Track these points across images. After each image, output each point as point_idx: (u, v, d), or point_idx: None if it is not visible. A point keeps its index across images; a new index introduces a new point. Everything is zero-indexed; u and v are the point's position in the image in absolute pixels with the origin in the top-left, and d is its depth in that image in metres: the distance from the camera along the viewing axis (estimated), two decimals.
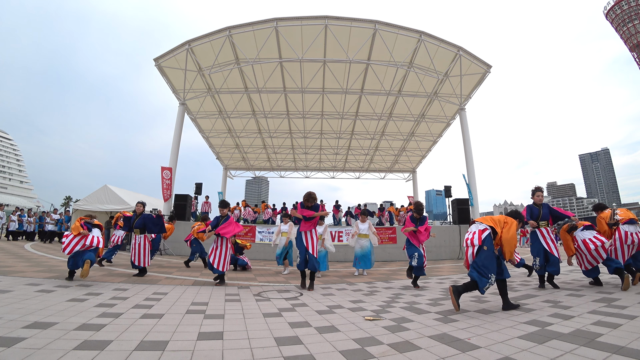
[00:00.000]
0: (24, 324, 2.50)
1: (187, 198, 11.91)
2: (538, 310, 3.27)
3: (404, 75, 13.31)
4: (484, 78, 13.01)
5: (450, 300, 4.00)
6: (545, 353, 2.11)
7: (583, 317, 2.98)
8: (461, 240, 10.95)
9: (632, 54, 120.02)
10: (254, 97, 14.85)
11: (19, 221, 14.42)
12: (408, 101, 14.64)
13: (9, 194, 72.51)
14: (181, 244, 10.68)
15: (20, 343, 2.11)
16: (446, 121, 16.23)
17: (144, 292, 4.12)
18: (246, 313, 3.23)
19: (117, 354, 2.02)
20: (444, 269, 7.92)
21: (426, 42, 11.57)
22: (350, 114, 15.97)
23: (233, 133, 17.76)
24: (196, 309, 3.34)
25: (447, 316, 3.18)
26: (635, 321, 2.78)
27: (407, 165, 21.21)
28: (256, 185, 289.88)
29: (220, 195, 19.52)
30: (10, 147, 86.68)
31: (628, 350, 2.11)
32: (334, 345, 2.31)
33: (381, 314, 3.32)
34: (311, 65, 12.59)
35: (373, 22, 11.06)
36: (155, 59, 12.61)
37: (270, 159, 21.32)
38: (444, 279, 6.13)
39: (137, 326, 2.62)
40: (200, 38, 11.84)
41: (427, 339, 2.48)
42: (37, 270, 5.52)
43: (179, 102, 13.21)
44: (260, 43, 11.54)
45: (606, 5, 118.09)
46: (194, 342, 2.31)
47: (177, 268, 7.04)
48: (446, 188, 14.26)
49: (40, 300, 3.37)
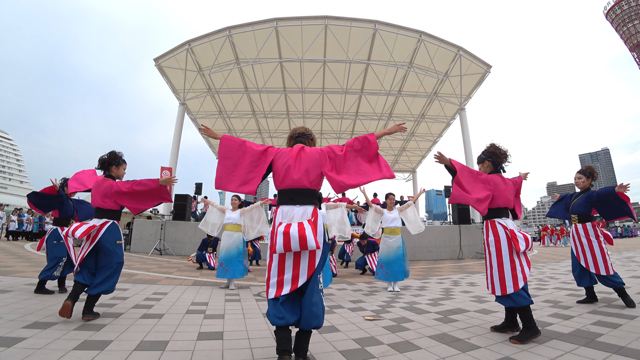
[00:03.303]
0: (24, 324, 2.50)
1: (187, 198, 11.91)
2: (538, 310, 3.26)
3: (404, 75, 13.32)
4: (484, 78, 13.02)
5: (450, 300, 4.00)
6: (545, 353, 2.11)
7: (583, 317, 2.97)
8: (461, 240, 10.95)
9: (632, 54, 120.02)
10: (254, 97, 14.85)
11: (19, 221, 14.42)
12: (408, 101, 14.64)
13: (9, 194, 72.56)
14: (181, 244, 10.68)
15: (20, 343, 2.11)
16: (446, 121, 16.24)
17: (144, 292, 4.12)
18: (246, 313, 3.23)
19: (117, 354, 2.02)
20: (444, 269, 7.92)
21: (426, 42, 11.58)
22: (350, 114, 15.97)
23: (233, 133, 17.76)
24: (196, 309, 3.33)
25: (447, 316, 3.18)
26: (635, 321, 2.78)
27: (407, 165, 21.22)
28: None
29: (221, 195, 19.51)
30: (10, 147, 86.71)
31: (628, 350, 2.11)
32: (334, 345, 2.31)
33: (381, 314, 3.31)
34: (311, 65, 12.59)
35: (373, 22, 11.07)
36: (155, 58, 12.62)
37: None
38: (444, 278, 6.12)
39: (137, 326, 2.62)
40: (200, 38, 11.85)
41: (427, 339, 2.48)
42: (37, 270, 5.51)
43: (179, 102, 13.21)
44: (260, 43, 11.54)
45: (606, 5, 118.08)
46: (194, 342, 2.31)
47: (177, 268, 7.03)
48: (446, 188, 14.23)
49: (40, 300, 3.37)
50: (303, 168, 2.05)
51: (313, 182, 2.07)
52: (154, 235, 10.65)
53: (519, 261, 2.45)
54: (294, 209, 2.03)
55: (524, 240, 2.47)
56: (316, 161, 2.09)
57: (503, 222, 2.57)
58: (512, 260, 2.46)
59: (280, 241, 1.88)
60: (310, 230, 1.90)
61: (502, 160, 2.68)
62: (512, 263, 2.45)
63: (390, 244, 4.84)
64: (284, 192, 2.08)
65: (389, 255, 4.80)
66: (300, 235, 1.86)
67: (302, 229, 1.89)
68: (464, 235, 11.05)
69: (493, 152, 2.68)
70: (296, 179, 2.04)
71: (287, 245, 1.87)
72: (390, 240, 4.87)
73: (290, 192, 2.06)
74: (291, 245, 1.86)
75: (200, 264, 7.34)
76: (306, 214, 2.02)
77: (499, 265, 2.49)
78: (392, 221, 4.89)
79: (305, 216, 2.01)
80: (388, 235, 4.91)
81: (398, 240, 4.87)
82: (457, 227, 11.33)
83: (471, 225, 11.36)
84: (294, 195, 2.05)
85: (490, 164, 2.71)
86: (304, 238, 1.86)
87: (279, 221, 2.01)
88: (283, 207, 2.06)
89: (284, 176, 2.07)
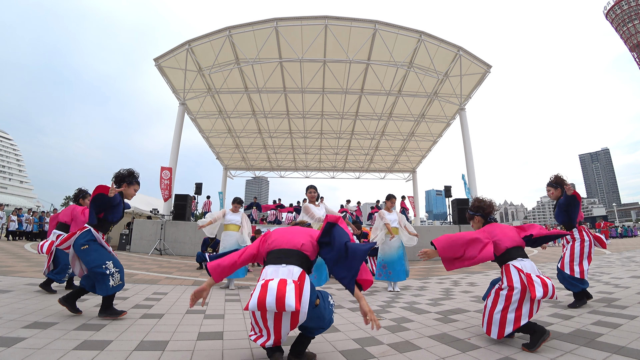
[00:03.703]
0: (24, 324, 2.50)
1: (187, 198, 11.91)
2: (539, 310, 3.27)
3: (404, 75, 13.31)
4: (484, 78, 13.01)
5: (450, 300, 4.00)
6: (545, 353, 2.11)
7: (583, 317, 2.98)
8: None
9: (632, 54, 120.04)
10: (254, 97, 14.85)
11: (19, 221, 14.43)
12: (408, 101, 14.64)
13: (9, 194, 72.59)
14: (181, 244, 10.68)
15: (20, 343, 2.11)
16: (446, 121, 16.23)
17: (144, 292, 4.12)
18: (246, 313, 3.23)
19: (117, 354, 2.02)
20: (444, 269, 7.92)
21: (426, 42, 11.57)
22: (350, 114, 15.97)
23: (233, 133, 17.76)
24: (196, 309, 3.33)
25: (447, 316, 3.18)
26: (635, 321, 2.78)
27: (407, 165, 21.21)
28: (256, 185, 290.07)
29: (221, 195, 19.52)
30: (10, 147, 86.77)
31: (628, 350, 2.11)
32: (334, 345, 2.31)
33: (381, 314, 3.32)
34: (311, 65, 12.59)
35: (373, 22, 11.06)
36: (155, 58, 12.61)
37: (270, 159, 21.32)
38: (444, 278, 6.13)
39: (137, 326, 2.62)
40: (200, 38, 11.85)
41: (427, 339, 2.48)
42: (37, 270, 5.51)
43: (179, 102, 13.21)
44: (260, 43, 11.54)
45: (606, 5, 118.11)
46: (194, 342, 2.31)
47: (177, 268, 7.03)
48: (446, 188, 14.25)
49: (40, 300, 3.37)
50: (295, 236, 1.99)
51: (304, 246, 1.93)
52: (154, 235, 10.66)
53: (527, 307, 2.20)
54: (279, 269, 1.80)
55: (542, 285, 2.16)
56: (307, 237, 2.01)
57: (519, 264, 2.30)
58: (519, 305, 2.21)
59: (255, 297, 1.62)
60: (292, 289, 1.62)
61: (489, 210, 2.66)
62: (504, 310, 2.23)
63: (391, 244, 4.87)
64: (272, 252, 1.93)
65: (391, 255, 4.82)
66: (278, 294, 1.57)
67: (283, 286, 1.62)
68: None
69: (479, 206, 2.69)
70: (285, 241, 1.94)
71: (261, 302, 1.59)
72: (391, 240, 4.90)
73: (278, 252, 1.91)
74: (266, 301, 1.57)
75: (201, 264, 7.33)
76: (292, 273, 1.77)
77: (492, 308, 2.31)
78: (392, 222, 4.94)
79: (290, 276, 1.76)
80: (388, 236, 4.93)
81: (398, 240, 4.92)
82: (457, 227, 11.33)
83: (471, 225, 11.35)
84: (281, 255, 1.89)
85: (480, 218, 2.69)
86: (282, 297, 1.56)
87: (260, 279, 1.81)
88: (267, 268, 1.85)
89: (272, 240, 1.99)
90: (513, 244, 2.41)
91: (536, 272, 2.28)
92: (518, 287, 2.20)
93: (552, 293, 2.17)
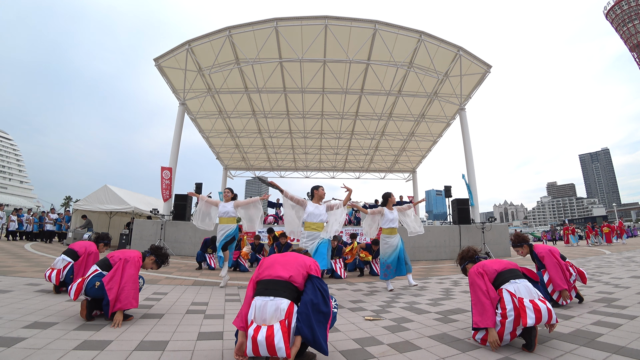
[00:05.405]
0: (24, 324, 2.50)
1: (187, 198, 11.91)
2: None
3: (404, 75, 13.31)
4: (484, 78, 13.01)
5: (450, 300, 4.00)
6: (545, 353, 2.11)
7: (583, 317, 2.98)
8: (461, 240, 10.96)
9: (632, 54, 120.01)
10: (254, 97, 14.85)
11: (19, 221, 14.41)
12: (408, 101, 14.64)
13: (9, 194, 72.57)
14: (181, 244, 10.69)
15: (20, 343, 2.11)
16: (446, 121, 16.23)
17: (144, 292, 4.12)
18: None
19: (117, 354, 2.02)
20: (444, 269, 7.92)
21: (426, 42, 11.57)
22: (350, 114, 15.96)
23: (233, 133, 17.75)
24: (196, 309, 3.34)
25: (447, 316, 3.18)
26: (635, 321, 2.78)
27: (407, 165, 21.21)
28: (256, 185, 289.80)
29: (221, 195, 19.51)
30: (10, 147, 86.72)
31: (628, 350, 2.11)
32: (334, 346, 2.31)
33: (381, 314, 3.32)
34: (311, 65, 12.59)
35: (373, 22, 11.06)
36: (155, 58, 12.61)
37: (270, 159, 21.31)
38: (444, 278, 6.12)
39: (137, 326, 2.63)
40: (200, 38, 11.84)
41: (427, 339, 2.48)
42: (37, 270, 5.51)
43: (179, 102, 13.20)
44: (260, 43, 11.53)
45: (606, 5, 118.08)
46: (194, 342, 2.31)
47: (177, 268, 7.04)
48: (446, 188, 14.25)
49: (40, 300, 3.37)
50: (285, 266, 2.02)
51: (293, 277, 1.95)
52: (154, 235, 10.66)
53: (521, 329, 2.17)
54: (267, 304, 1.86)
55: (534, 311, 2.08)
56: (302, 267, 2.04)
57: (512, 287, 2.25)
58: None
59: (249, 346, 1.75)
60: (280, 335, 1.72)
61: (473, 254, 2.85)
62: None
63: (392, 243, 5.00)
64: (261, 282, 1.99)
65: (393, 254, 4.96)
66: (268, 343, 1.70)
67: (271, 334, 1.72)
68: (464, 235, 11.06)
69: (464, 256, 2.90)
70: (274, 272, 1.98)
71: (255, 352, 1.74)
72: (391, 239, 5.02)
73: (267, 282, 1.95)
74: (259, 351, 1.72)
75: (200, 264, 7.34)
76: (279, 311, 1.83)
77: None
78: (392, 222, 5.03)
79: (277, 315, 1.82)
80: (388, 236, 5.03)
81: (397, 238, 5.07)
82: (457, 227, 11.33)
83: (471, 225, 11.36)
84: (269, 286, 1.93)
85: (470, 264, 2.83)
86: (272, 345, 1.70)
87: (250, 318, 1.86)
88: (256, 300, 1.90)
89: (264, 269, 2.04)
90: (504, 267, 2.40)
91: (531, 295, 2.22)
92: (512, 315, 2.15)
93: (549, 318, 2.11)
